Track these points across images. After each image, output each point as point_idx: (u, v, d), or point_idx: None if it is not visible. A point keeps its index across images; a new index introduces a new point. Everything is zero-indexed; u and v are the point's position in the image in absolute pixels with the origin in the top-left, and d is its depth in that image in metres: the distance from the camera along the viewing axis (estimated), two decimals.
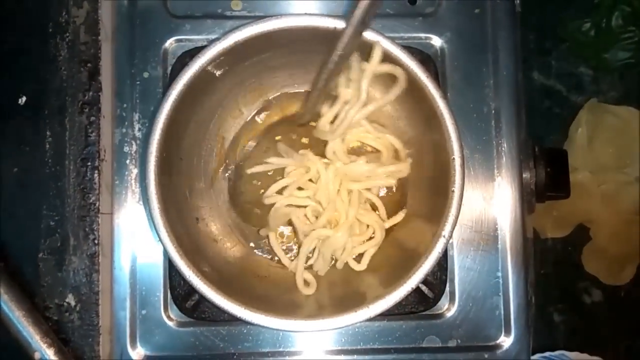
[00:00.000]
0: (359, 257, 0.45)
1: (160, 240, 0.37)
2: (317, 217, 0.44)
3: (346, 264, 0.45)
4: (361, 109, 0.41)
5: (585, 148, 0.68)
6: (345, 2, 0.50)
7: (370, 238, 0.44)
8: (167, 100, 0.38)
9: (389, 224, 0.45)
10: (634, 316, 0.66)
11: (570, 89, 0.70)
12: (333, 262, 0.45)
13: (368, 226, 0.44)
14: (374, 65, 0.40)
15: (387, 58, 0.40)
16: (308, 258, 0.45)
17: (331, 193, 0.43)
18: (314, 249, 0.44)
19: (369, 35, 0.39)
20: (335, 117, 0.43)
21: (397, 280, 0.40)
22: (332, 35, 0.40)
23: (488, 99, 0.50)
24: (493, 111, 0.50)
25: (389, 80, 0.41)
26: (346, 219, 0.43)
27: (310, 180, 0.44)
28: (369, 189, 0.45)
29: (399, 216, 0.45)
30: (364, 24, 0.37)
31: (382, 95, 0.42)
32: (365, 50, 0.40)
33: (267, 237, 0.46)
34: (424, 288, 0.46)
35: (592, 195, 0.66)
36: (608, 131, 0.69)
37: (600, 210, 0.66)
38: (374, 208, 0.46)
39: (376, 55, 0.39)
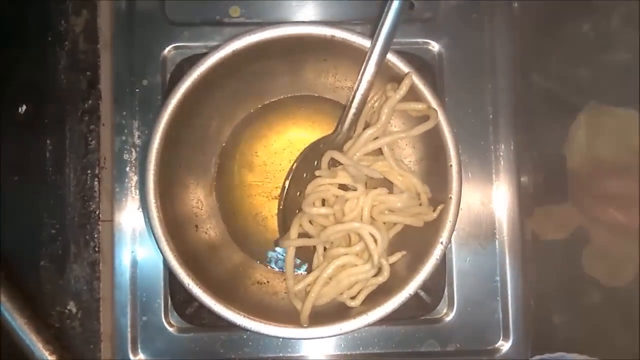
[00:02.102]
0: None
1: (160, 249, 0.38)
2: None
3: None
4: (373, 135, 0.41)
5: (585, 150, 0.68)
6: (342, 5, 0.50)
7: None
8: (165, 110, 0.38)
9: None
10: (634, 318, 0.65)
11: (570, 91, 0.70)
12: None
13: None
14: (399, 95, 0.40)
15: (385, 65, 0.40)
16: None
17: (365, 220, 0.40)
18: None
19: (402, 65, 0.40)
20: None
21: (396, 285, 0.40)
22: (329, 43, 0.40)
23: (486, 104, 0.51)
24: (491, 116, 0.50)
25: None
26: (381, 253, 0.40)
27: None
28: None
29: (396, 256, 0.42)
30: (389, 43, 0.39)
31: (403, 127, 0.42)
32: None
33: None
34: (422, 294, 0.47)
35: (592, 198, 0.66)
36: (608, 134, 0.69)
37: (600, 212, 0.66)
38: None
39: (404, 86, 0.40)
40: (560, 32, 0.69)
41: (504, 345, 0.48)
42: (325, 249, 0.42)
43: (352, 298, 0.40)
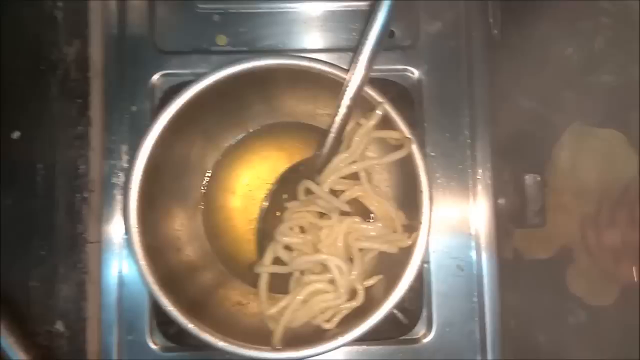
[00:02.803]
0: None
1: (140, 274, 0.39)
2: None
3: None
4: (345, 160, 0.43)
5: (568, 171, 0.69)
6: (328, 35, 0.52)
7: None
8: (146, 138, 0.40)
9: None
10: (618, 336, 0.66)
11: (554, 112, 0.71)
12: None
13: None
14: (370, 123, 0.42)
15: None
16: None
17: (339, 247, 0.42)
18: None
19: (376, 95, 0.42)
20: None
21: (372, 307, 0.41)
22: (308, 74, 0.42)
23: (464, 129, 0.52)
24: (469, 140, 0.52)
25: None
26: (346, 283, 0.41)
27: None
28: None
29: (373, 279, 0.43)
30: (369, 69, 0.40)
31: (378, 153, 0.44)
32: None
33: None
34: (399, 315, 0.48)
35: (575, 218, 0.67)
36: (591, 154, 0.70)
37: (583, 232, 0.67)
38: None
39: (376, 115, 0.41)
40: (543, 54, 0.71)
41: None
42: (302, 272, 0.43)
43: (327, 321, 0.42)
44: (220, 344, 0.39)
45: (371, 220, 0.43)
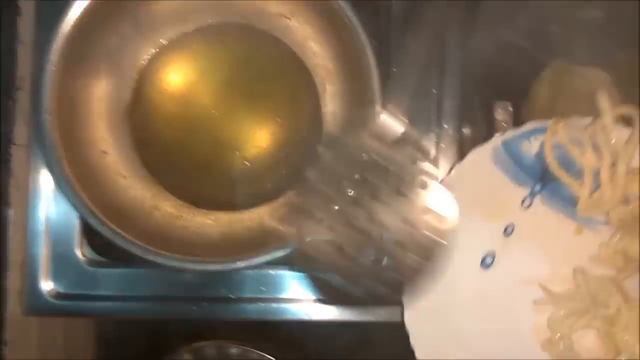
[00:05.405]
0: None
1: (53, 173, 0.36)
2: None
3: None
4: None
5: (547, 109, 0.66)
6: None
7: None
8: (62, 21, 0.36)
9: None
10: None
11: (538, 47, 0.67)
12: None
13: None
14: None
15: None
16: None
17: None
18: None
19: None
20: None
21: None
22: None
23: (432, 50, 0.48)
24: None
25: None
26: None
27: None
28: None
29: None
30: None
31: None
32: None
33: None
34: None
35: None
36: (573, 93, 0.66)
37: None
38: None
39: None
40: None
41: None
42: None
43: None
44: (151, 256, 0.36)
45: None
